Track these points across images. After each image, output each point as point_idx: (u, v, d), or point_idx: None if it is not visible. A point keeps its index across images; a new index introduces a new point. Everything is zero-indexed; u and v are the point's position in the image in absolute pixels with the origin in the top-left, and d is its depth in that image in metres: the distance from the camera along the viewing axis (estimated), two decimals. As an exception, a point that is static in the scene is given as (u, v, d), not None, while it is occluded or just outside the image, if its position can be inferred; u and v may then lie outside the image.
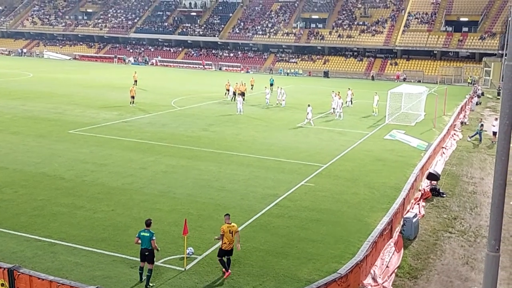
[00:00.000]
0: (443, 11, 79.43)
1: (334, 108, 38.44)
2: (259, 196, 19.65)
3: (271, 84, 53.88)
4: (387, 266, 14.47)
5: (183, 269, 13.65)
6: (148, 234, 12.83)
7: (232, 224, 13.57)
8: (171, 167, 23.39)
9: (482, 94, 56.32)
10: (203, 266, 13.95)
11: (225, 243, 13.35)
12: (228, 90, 46.73)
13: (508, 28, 63.57)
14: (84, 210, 17.68)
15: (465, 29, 75.61)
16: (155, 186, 20.58)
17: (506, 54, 44.53)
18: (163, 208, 18.04)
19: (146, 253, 12.82)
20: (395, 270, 14.43)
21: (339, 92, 40.30)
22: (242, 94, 43.80)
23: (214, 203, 18.73)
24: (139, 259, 13.11)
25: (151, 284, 12.81)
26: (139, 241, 12.93)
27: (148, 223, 13.07)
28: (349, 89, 45.03)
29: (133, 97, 40.79)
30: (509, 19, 64.54)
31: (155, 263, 13.21)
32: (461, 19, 77.03)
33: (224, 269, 13.45)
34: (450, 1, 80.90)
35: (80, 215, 17.20)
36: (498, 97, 56.23)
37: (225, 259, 13.54)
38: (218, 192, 20.05)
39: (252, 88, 52.33)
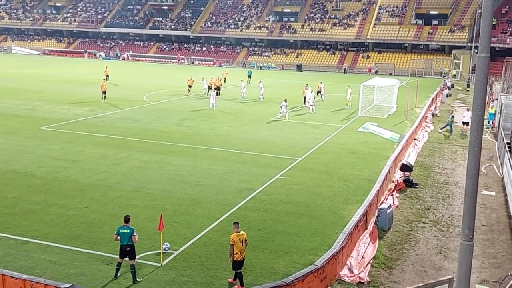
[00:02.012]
0: (413, 4, 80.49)
1: (307, 102, 38.62)
2: (234, 190, 19.60)
3: (249, 76, 53.71)
4: (362, 257, 14.63)
5: (160, 265, 13.53)
6: (128, 231, 12.70)
7: (242, 232, 12.75)
8: (145, 162, 23.12)
9: (452, 86, 57.37)
10: (180, 261, 13.86)
11: (236, 253, 12.46)
12: (190, 86, 45.97)
13: (477, 21, 64.89)
14: (57, 208, 17.34)
15: (435, 22, 76.83)
16: (129, 182, 20.32)
17: (474, 47, 45.51)
18: (138, 204, 17.84)
19: (128, 249, 12.69)
20: (371, 261, 14.60)
21: (307, 85, 40.62)
22: (218, 88, 43.52)
23: (190, 198, 18.61)
24: (114, 256, 12.97)
25: (138, 280, 12.72)
26: (119, 238, 12.77)
27: (127, 219, 12.91)
28: (320, 82, 45.26)
29: (104, 92, 40.14)
30: (477, 11, 65.84)
31: (132, 259, 13.06)
32: (431, 12, 78.23)
33: (239, 285, 12.54)
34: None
35: (53, 213, 16.87)
36: (467, 89, 57.39)
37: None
38: (193, 187, 19.93)
39: (225, 81, 51.90)
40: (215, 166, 22.75)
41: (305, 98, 39.42)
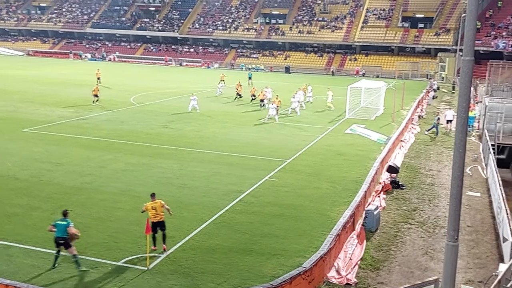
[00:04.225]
0: (400, 7, 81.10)
1: (300, 102, 38.79)
2: (221, 192, 19.51)
3: (249, 78, 54.17)
4: (350, 259, 14.65)
5: (146, 269, 13.39)
6: (65, 222, 13.17)
7: (156, 200, 14.42)
8: (131, 165, 22.92)
9: (438, 88, 57.87)
10: (166, 265, 13.73)
11: (150, 217, 14.13)
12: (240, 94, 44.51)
13: (462, 24, 65.55)
14: (41, 211, 17.09)
15: (421, 25, 77.49)
16: (115, 184, 20.12)
17: (459, 50, 45.87)
18: (124, 207, 17.65)
19: (61, 241, 13.10)
20: (358, 262, 14.62)
21: (300, 88, 40.69)
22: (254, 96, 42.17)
23: (176, 201, 18.45)
24: (100, 260, 12.92)
25: (83, 269, 13.00)
26: (54, 229, 13.17)
27: (65, 213, 13.46)
28: (308, 84, 45.42)
29: (96, 95, 39.16)
30: (462, 15, 66.53)
31: (118, 263, 12.98)
32: (417, 15, 78.89)
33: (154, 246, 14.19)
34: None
35: (36, 216, 16.61)
36: (453, 91, 57.91)
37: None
38: (179, 189, 19.79)
39: (224, 83, 52.07)
40: (202, 169, 22.63)
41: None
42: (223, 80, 51.94)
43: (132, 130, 30.22)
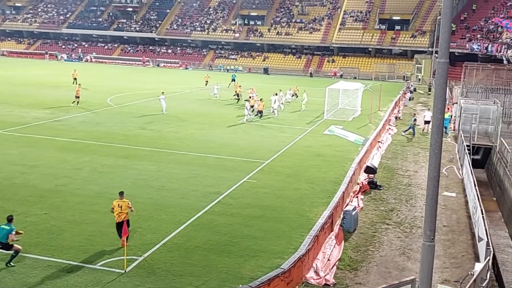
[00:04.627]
0: (377, 9, 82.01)
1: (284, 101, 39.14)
2: (200, 194, 19.39)
3: (233, 80, 54.44)
4: (328, 259, 14.70)
5: (123, 272, 13.21)
6: (8, 228, 13.16)
7: (123, 199, 14.93)
8: (108, 167, 22.63)
9: (415, 89, 58.65)
10: (144, 268, 13.57)
11: (115, 216, 14.78)
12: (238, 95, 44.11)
13: (438, 27, 66.52)
14: (15, 214, 16.49)
15: (397, 27, 78.51)
16: (91, 187, 19.83)
17: (435, 52, 46.65)
18: (100, 210, 17.39)
19: (0, 246, 13.17)
20: (336, 263, 14.68)
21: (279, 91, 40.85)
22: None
23: (154, 203, 18.30)
24: (75, 263, 12.82)
25: (12, 264, 13.17)
26: None
27: (9, 219, 13.47)
28: (290, 89, 46.01)
29: (77, 96, 38.89)
30: (438, 18, 67.55)
31: (94, 266, 12.85)
32: (394, 17, 79.90)
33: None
34: (383, 0, 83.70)
35: (10, 220, 16.23)
36: (429, 92, 58.78)
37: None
38: (157, 191, 19.61)
39: (206, 85, 53.22)
40: (180, 170, 22.47)
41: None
42: (207, 81, 52.75)
43: (108, 132, 29.84)
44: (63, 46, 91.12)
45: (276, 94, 39.37)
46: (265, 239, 15.60)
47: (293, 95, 45.71)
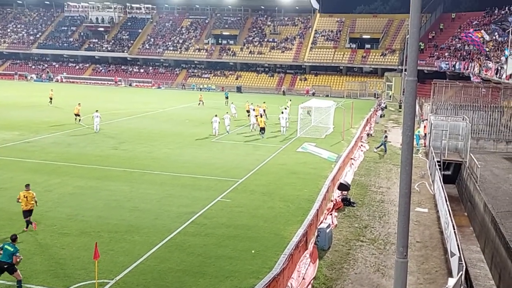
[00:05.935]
0: (347, 29, 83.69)
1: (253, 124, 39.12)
2: (173, 215, 19.17)
3: (226, 97, 58.35)
4: (303, 278, 14.64)
5: (95, 296, 12.90)
6: (12, 249, 12.88)
7: (30, 191, 17.18)
8: (79, 188, 22.21)
9: (386, 107, 59.68)
10: (116, 291, 13.27)
11: (22, 205, 17.09)
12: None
13: (406, 45, 68.16)
14: (-18, 239, 16.20)
15: (367, 46, 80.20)
16: (62, 209, 19.39)
17: (405, 70, 47.45)
18: (71, 232, 17.01)
19: (5, 266, 12.78)
20: (311, 281, 14.63)
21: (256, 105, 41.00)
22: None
23: (127, 224, 17.99)
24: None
25: None
26: (0, 252, 12.84)
27: (13, 239, 13.35)
28: (264, 102, 46.26)
29: (78, 115, 39.59)
30: (407, 37, 69.25)
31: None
32: (364, 36, 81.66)
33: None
34: (353, 20, 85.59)
35: (-24, 245, 15.71)
36: (399, 109, 59.86)
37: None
38: (130, 212, 19.31)
39: (199, 104, 55.50)
40: (153, 191, 22.21)
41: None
42: (202, 101, 54.24)
43: (80, 153, 29.37)
44: (33, 67, 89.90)
45: (283, 112, 39.51)
46: (240, 259, 15.47)
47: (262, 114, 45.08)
